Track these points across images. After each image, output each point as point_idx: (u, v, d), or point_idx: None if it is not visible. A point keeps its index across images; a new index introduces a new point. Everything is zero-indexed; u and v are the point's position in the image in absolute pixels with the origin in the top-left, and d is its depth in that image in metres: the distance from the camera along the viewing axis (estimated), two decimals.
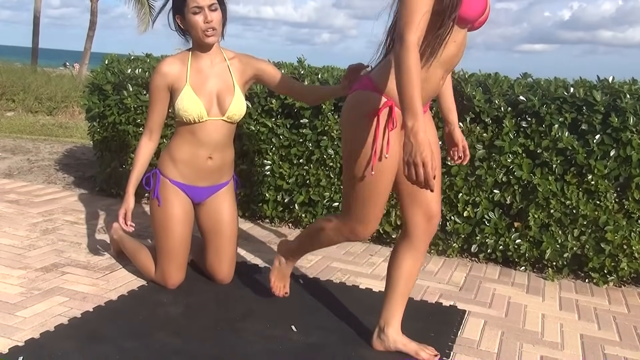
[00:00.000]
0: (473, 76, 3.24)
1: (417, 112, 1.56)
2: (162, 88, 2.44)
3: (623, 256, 2.93)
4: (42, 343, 2.01)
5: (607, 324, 2.55)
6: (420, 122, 1.55)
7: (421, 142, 1.54)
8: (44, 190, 4.14)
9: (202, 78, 2.44)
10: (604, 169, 2.88)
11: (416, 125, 1.55)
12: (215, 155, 2.50)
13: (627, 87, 2.90)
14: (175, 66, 2.44)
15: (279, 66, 3.63)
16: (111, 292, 2.49)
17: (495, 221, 3.11)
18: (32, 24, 17.91)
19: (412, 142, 1.55)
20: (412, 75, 1.57)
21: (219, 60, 2.49)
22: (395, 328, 2.08)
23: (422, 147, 1.54)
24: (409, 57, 1.57)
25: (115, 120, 3.84)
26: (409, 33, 1.59)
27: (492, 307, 2.65)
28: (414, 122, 1.55)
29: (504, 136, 3.02)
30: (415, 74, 1.57)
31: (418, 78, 1.57)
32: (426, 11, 1.60)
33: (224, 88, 2.46)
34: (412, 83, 1.57)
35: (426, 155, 1.54)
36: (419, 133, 1.55)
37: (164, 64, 2.44)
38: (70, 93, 9.39)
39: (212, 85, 2.45)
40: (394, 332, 2.07)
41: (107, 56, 4.10)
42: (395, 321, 2.08)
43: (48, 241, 3.07)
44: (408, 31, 1.59)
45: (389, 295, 2.07)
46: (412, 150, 1.55)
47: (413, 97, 1.56)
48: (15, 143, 5.94)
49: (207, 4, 2.35)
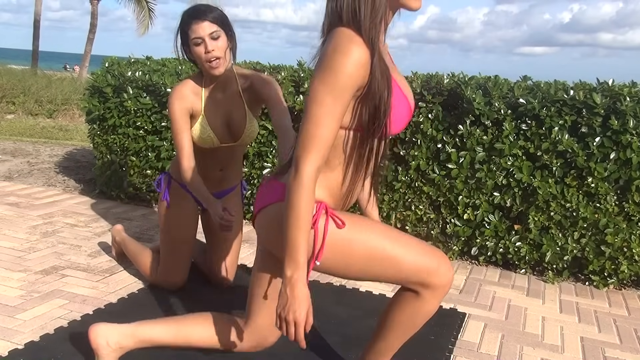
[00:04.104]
0: (473, 79, 3.24)
1: (300, 262, 1.37)
2: (183, 113, 2.33)
3: (623, 259, 2.93)
4: (42, 346, 2.01)
5: (607, 327, 2.55)
6: (301, 273, 1.37)
7: (297, 297, 1.36)
8: (44, 192, 4.14)
9: (215, 107, 2.37)
10: (604, 172, 2.88)
11: (295, 276, 1.37)
12: (226, 168, 2.54)
13: (627, 90, 2.90)
14: (190, 93, 2.34)
15: (279, 69, 3.63)
16: (111, 295, 2.48)
17: (495, 224, 3.11)
18: (33, 27, 17.94)
19: (288, 294, 1.37)
20: (300, 220, 1.36)
21: (232, 87, 2.38)
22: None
23: (298, 304, 1.37)
24: (301, 194, 1.36)
25: (115, 122, 3.84)
26: (304, 163, 1.36)
27: (493, 309, 2.65)
28: (294, 272, 1.37)
29: (504, 139, 3.02)
30: (304, 214, 1.36)
31: (307, 220, 1.37)
32: (331, 139, 1.38)
33: (237, 116, 2.40)
34: (299, 228, 1.36)
35: (300, 314, 1.37)
36: (297, 286, 1.37)
37: (178, 91, 2.34)
38: (71, 96, 9.39)
39: (225, 114, 2.39)
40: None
41: (107, 59, 4.11)
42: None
43: (48, 244, 3.07)
44: (304, 161, 1.36)
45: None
46: (287, 304, 1.37)
47: (297, 244, 1.37)
48: (16, 146, 5.94)
49: (208, 33, 2.22)
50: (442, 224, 3.24)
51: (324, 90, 1.36)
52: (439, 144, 3.16)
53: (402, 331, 1.67)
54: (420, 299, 1.58)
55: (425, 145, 3.18)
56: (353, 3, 1.39)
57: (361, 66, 1.36)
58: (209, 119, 2.36)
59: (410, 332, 1.67)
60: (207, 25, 2.22)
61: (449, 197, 3.17)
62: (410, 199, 3.26)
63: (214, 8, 2.28)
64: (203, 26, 2.21)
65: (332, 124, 1.37)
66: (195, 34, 2.22)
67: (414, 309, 1.61)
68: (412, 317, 1.62)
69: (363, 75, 1.37)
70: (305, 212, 1.37)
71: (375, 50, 1.38)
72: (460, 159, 3.10)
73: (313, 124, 1.37)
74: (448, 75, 3.28)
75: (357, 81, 1.37)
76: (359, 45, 1.35)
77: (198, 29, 2.22)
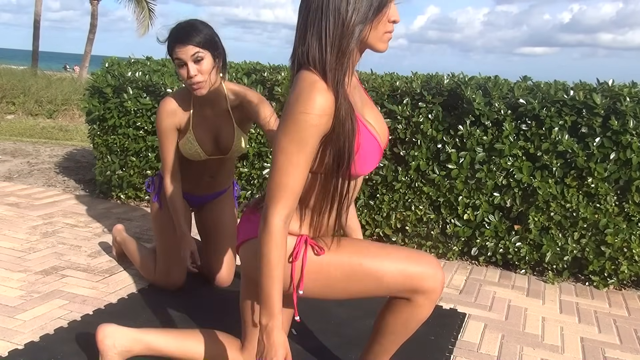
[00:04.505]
0: (473, 79, 3.24)
1: (274, 311, 1.39)
2: (171, 129, 2.34)
3: (623, 259, 2.93)
4: (42, 346, 2.01)
5: (607, 327, 2.55)
6: (275, 321, 1.40)
7: (273, 344, 1.40)
8: (44, 193, 4.14)
9: (204, 123, 2.36)
10: (604, 172, 2.88)
11: (270, 324, 1.39)
12: (216, 175, 2.55)
13: (627, 90, 2.90)
14: (178, 109, 2.34)
15: (279, 69, 3.63)
16: (111, 295, 2.48)
17: (495, 224, 3.10)
18: (33, 27, 17.94)
19: (265, 342, 1.40)
20: (271, 268, 1.38)
21: (221, 104, 2.36)
22: None
23: (274, 351, 1.40)
24: (270, 244, 1.37)
25: (115, 123, 3.84)
26: (273, 214, 1.37)
27: (492, 310, 2.64)
28: (268, 321, 1.40)
29: (504, 139, 3.02)
30: (275, 266, 1.38)
31: (278, 271, 1.39)
32: (299, 186, 1.39)
33: (226, 132, 2.40)
34: (271, 276, 1.38)
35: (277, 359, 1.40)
36: (273, 333, 1.40)
37: (168, 105, 2.33)
38: (71, 96, 9.39)
39: (213, 130, 2.39)
40: None
41: (107, 59, 4.11)
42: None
43: (48, 244, 3.07)
44: (273, 212, 1.37)
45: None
46: (264, 351, 1.41)
47: (270, 292, 1.39)
48: (16, 146, 5.94)
49: (189, 55, 2.17)
50: (442, 224, 3.24)
51: (288, 140, 1.35)
52: (439, 144, 3.16)
53: (396, 336, 1.68)
54: (412, 305, 1.59)
55: (425, 146, 3.18)
56: (319, 46, 1.37)
57: (325, 114, 1.35)
58: (197, 134, 2.36)
59: (405, 336, 1.68)
60: (190, 48, 2.16)
61: (449, 197, 3.17)
62: (410, 199, 3.26)
63: (200, 27, 2.20)
64: (185, 50, 2.16)
65: (298, 173, 1.37)
66: (178, 57, 2.18)
67: (407, 314, 1.61)
68: (406, 322, 1.63)
69: (326, 122, 1.36)
70: (276, 263, 1.38)
71: (339, 94, 1.36)
72: (460, 159, 3.10)
73: (279, 174, 1.37)
74: (448, 76, 3.28)
75: (320, 129, 1.36)
76: (322, 92, 1.34)
77: (180, 53, 2.17)
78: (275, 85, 3.48)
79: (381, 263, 1.55)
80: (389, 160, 3.31)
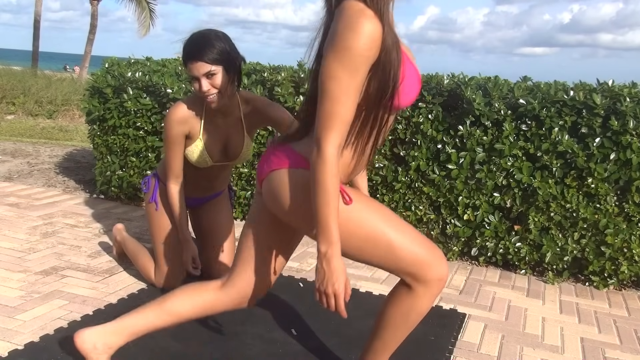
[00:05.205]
0: (473, 79, 3.24)
1: (332, 238, 1.40)
2: (180, 136, 2.32)
3: (623, 259, 2.93)
4: (42, 346, 2.01)
5: (607, 328, 2.55)
6: (335, 248, 1.40)
7: (334, 271, 1.41)
8: (43, 193, 4.14)
9: (214, 131, 2.36)
10: (604, 172, 2.88)
11: (330, 252, 1.40)
12: (215, 179, 2.57)
13: (627, 91, 2.90)
14: (190, 117, 2.31)
15: (279, 69, 3.63)
16: (111, 296, 2.48)
17: (495, 224, 3.10)
18: (33, 27, 17.94)
19: (325, 269, 1.41)
20: (329, 196, 1.38)
21: (234, 112, 2.36)
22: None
23: (336, 277, 1.41)
24: (326, 172, 1.38)
25: (115, 123, 3.84)
26: (327, 142, 1.38)
27: (493, 310, 2.64)
28: (328, 248, 1.40)
29: (504, 139, 3.02)
30: (332, 194, 1.39)
31: (335, 198, 1.39)
32: (350, 116, 1.40)
33: (235, 140, 2.40)
34: (328, 204, 1.39)
35: (339, 286, 1.41)
36: (333, 260, 1.40)
37: (179, 112, 2.29)
38: (71, 96, 9.38)
39: (223, 138, 2.39)
40: None
41: (107, 59, 4.11)
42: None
43: (48, 244, 3.07)
44: (326, 140, 1.38)
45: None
46: (325, 278, 1.42)
47: (328, 220, 1.40)
48: (16, 146, 5.94)
49: (202, 73, 2.14)
50: (442, 224, 3.24)
51: (340, 68, 1.36)
52: (439, 145, 3.16)
53: (397, 329, 1.67)
54: (413, 295, 1.59)
55: (425, 146, 3.18)
56: None
57: (374, 40, 1.37)
58: (207, 142, 2.35)
59: (404, 330, 1.67)
60: (201, 65, 2.13)
61: (449, 197, 3.17)
62: (410, 199, 3.26)
63: (214, 41, 2.15)
64: (197, 66, 2.14)
65: (350, 101, 1.38)
66: (191, 73, 2.17)
67: (408, 305, 1.61)
68: (406, 314, 1.63)
69: (376, 50, 1.38)
70: (333, 189, 1.39)
71: (385, 22, 1.38)
72: (460, 159, 3.10)
73: (331, 103, 1.38)
74: (448, 76, 3.28)
75: (370, 56, 1.38)
76: (369, 18, 1.36)
77: (193, 69, 2.15)
78: (276, 85, 3.48)
79: (402, 238, 1.54)
80: (389, 160, 3.31)
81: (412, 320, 1.64)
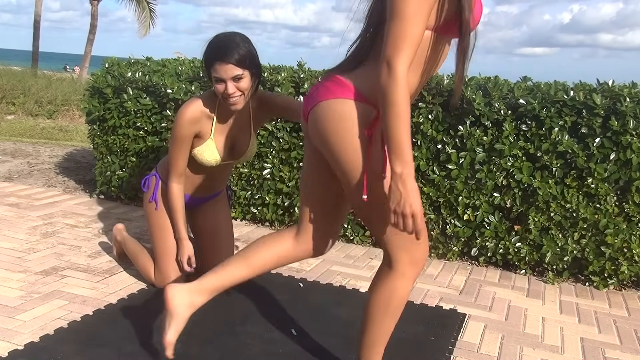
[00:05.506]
0: (473, 79, 3.24)
1: (407, 157, 1.38)
2: (189, 136, 2.31)
3: (623, 259, 2.93)
4: (42, 346, 2.01)
5: (607, 328, 2.55)
6: (409, 169, 1.38)
7: (411, 191, 1.38)
8: (43, 193, 4.14)
9: (224, 130, 2.37)
10: (604, 172, 2.88)
11: (405, 172, 1.38)
12: (216, 179, 2.57)
13: (627, 91, 2.90)
14: (203, 117, 2.30)
15: (279, 69, 3.63)
16: (111, 296, 2.48)
17: (495, 224, 3.10)
18: (33, 28, 17.94)
19: (401, 190, 1.39)
20: (401, 114, 1.37)
21: (245, 110, 2.36)
22: None
23: (413, 197, 1.39)
24: (398, 92, 1.37)
25: (115, 123, 3.84)
26: (398, 61, 1.37)
27: (493, 310, 2.64)
28: (403, 169, 1.38)
29: (504, 139, 3.02)
30: (404, 113, 1.37)
31: (407, 116, 1.38)
32: (421, 36, 1.39)
33: (243, 137, 2.41)
34: (401, 123, 1.37)
35: (417, 206, 1.39)
36: (409, 180, 1.38)
37: (192, 112, 2.27)
38: (71, 96, 9.39)
39: (232, 136, 2.40)
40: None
41: (107, 59, 4.11)
42: None
43: (48, 244, 3.07)
44: (397, 59, 1.37)
45: None
46: (401, 199, 1.39)
47: (401, 138, 1.38)
48: (16, 146, 5.94)
49: (229, 76, 2.13)
50: (442, 224, 3.24)
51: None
52: (439, 145, 3.16)
53: (382, 318, 1.69)
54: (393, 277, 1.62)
55: (425, 146, 3.18)
56: None
57: None
58: (217, 141, 2.36)
59: (389, 319, 1.69)
60: (231, 68, 2.12)
61: (449, 197, 3.17)
62: None
63: (241, 44, 2.14)
64: (226, 69, 2.12)
65: (421, 21, 1.38)
66: (217, 75, 2.14)
67: (388, 292, 1.64)
68: (388, 300, 1.65)
69: None
70: (405, 109, 1.37)
71: None
72: (460, 159, 3.10)
73: (403, 22, 1.37)
74: (448, 76, 3.28)
75: None
76: None
77: (220, 71, 2.12)
78: (276, 85, 3.48)
79: None
80: None
81: (394, 305, 1.66)
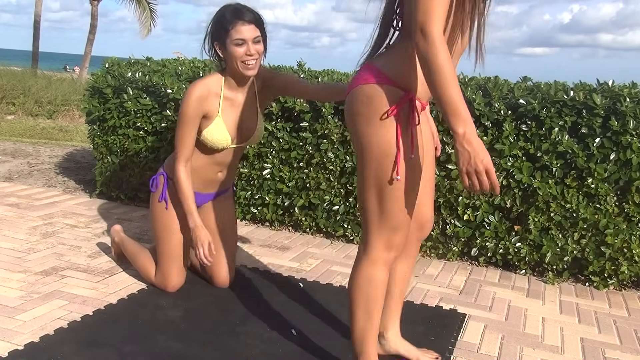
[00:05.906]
0: (473, 80, 3.24)
1: (465, 115, 1.38)
2: (197, 115, 2.32)
3: (623, 260, 2.93)
4: (42, 347, 2.01)
5: (607, 328, 2.55)
6: (471, 126, 1.39)
7: (477, 148, 1.39)
8: (43, 193, 4.14)
9: (232, 108, 2.39)
10: (604, 173, 2.88)
11: (468, 130, 1.38)
12: (224, 170, 2.55)
13: (627, 91, 2.90)
14: (210, 95, 2.33)
15: (278, 69, 3.63)
16: (111, 296, 2.48)
17: (495, 225, 3.10)
18: (33, 28, 17.92)
19: (468, 149, 1.39)
20: (447, 74, 1.37)
21: (251, 89, 2.41)
22: (395, 331, 2.06)
23: (482, 154, 1.39)
24: (438, 53, 1.37)
25: (115, 123, 3.84)
26: (432, 25, 1.37)
27: (493, 310, 2.64)
28: (465, 128, 1.38)
29: (504, 139, 3.02)
30: (450, 72, 1.37)
31: (454, 77, 1.38)
32: (447, 4, 1.41)
33: (250, 117, 2.43)
34: (449, 82, 1.37)
35: (488, 161, 1.39)
36: (473, 139, 1.39)
37: (199, 90, 2.30)
38: (71, 96, 9.39)
39: (240, 115, 2.41)
40: (394, 335, 2.06)
41: (107, 59, 4.11)
42: (394, 325, 2.06)
43: (48, 245, 3.07)
44: (431, 23, 1.38)
45: (385, 300, 1.93)
46: (471, 158, 1.39)
47: (454, 99, 1.38)
48: (15, 146, 5.94)
49: (251, 37, 2.23)
50: (442, 224, 3.24)
51: None
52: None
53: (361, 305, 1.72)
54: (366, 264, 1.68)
55: None
56: None
57: None
58: (226, 119, 2.37)
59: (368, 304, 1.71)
60: (252, 29, 2.23)
61: (449, 197, 3.17)
62: None
63: (254, 10, 2.27)
64: (249, 29, 2.22)
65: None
66: (239, 35, 2.22)
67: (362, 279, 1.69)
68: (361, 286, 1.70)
69: None
70: (449, 69, 1.37)
71: None
72: None
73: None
74: None
75: None
76: None
77: (243, 31, 2.21)
78: None
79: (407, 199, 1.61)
80: None
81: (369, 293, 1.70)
